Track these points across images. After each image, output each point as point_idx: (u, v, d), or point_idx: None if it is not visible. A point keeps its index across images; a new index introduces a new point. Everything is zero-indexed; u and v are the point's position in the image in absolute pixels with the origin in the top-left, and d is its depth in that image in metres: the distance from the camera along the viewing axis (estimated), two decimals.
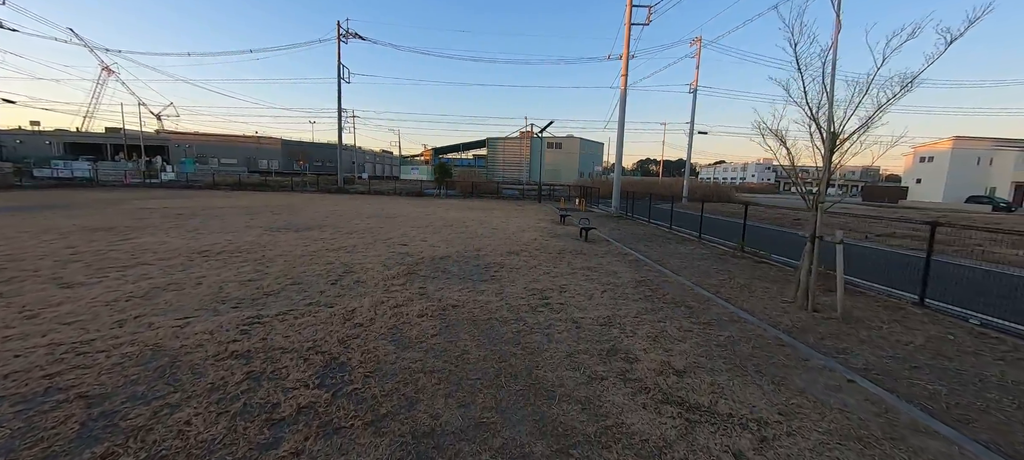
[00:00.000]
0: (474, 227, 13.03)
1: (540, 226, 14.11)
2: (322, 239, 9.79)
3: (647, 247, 10.59)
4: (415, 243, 9.69)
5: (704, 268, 8.16)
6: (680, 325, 4.75)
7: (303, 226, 11.87)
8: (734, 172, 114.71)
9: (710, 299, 5.94)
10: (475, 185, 35.39)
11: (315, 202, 21.48)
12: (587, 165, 70.27)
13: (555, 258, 8.50)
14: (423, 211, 18.18)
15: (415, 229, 12.09)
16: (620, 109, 19.26)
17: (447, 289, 5.89)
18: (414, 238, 10.44)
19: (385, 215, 15.87)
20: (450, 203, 24.26)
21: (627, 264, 8.24)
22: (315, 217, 14.34)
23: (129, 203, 17.58)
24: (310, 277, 6.27)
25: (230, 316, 4.48)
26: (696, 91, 32.04)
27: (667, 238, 12.45)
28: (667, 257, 9.23)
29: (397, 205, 21.24)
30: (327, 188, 33.25)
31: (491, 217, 16.49)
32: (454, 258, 8.11)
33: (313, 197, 25.83)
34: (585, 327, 4.57)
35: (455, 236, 10.98)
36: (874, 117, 5.17)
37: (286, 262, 7.18)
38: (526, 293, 5.85)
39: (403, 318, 4.64)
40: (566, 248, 9.81)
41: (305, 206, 18.73)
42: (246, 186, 33.37)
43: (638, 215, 18.61)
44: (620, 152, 19.78)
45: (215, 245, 8.52)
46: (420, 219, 14.87)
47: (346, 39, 31.59)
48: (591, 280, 6.77)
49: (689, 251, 10.17)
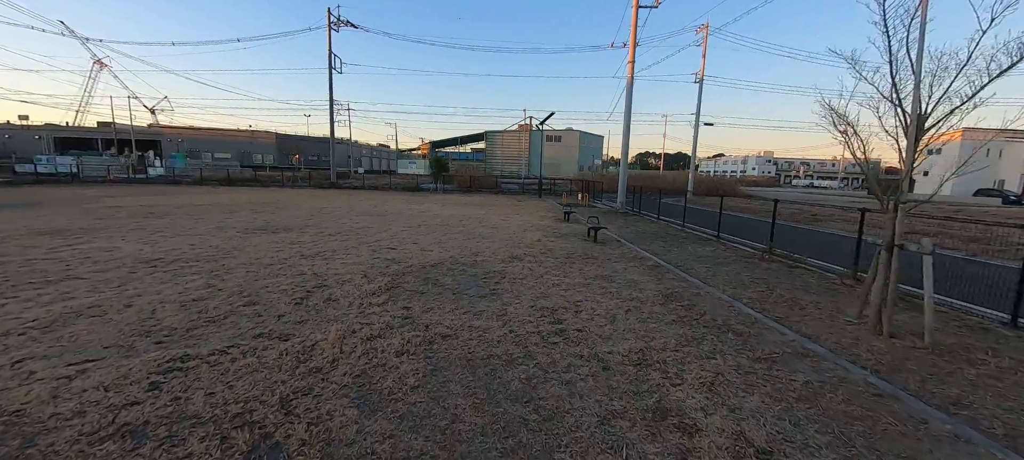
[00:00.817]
0: (472, 226, 11.92)
1: (543, 224, 13.01)
2: (299, 243, 8.67)
3: (664, 248, 9.51)
4: (405, 247, 8.58)
5: (735, 275, 7.09)
6: (736, 363, 3.67)
7: (282, 227, 10.74)
8: (734, 165, 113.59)
9: (758, 320, 4.87)
10: (473, 179, 34.23)
11: (303, 199, 20.32)
12: (587, 158, 69.08)
13: (563, 264, 7.42)
14: (417, 208, 17.05)
15: (406, 229, 10.98)
16: (627, 97, 18.11)
17: (437, 309, 4.80)
18: (404, 240, 9.33)
19: (376, 213, 14.74)
20: (447, 199, 23.12)
21: (647, 271, 7.16)
22: (298, 216, 13.20)
23: (101, 201, 16.39)
24: (272, 294, 5.17)
25: (146, 358, 3.38)
26: (702, 81, 30.83)
27: (683, 237, 11.37)
28: (689, 261, 8.15)
29: (390, 202, 20.09)
30: (319, 184, 32.04)
31: (490, 214, 15.38)
32: (448, 265, 7.01)
33: (303, 193, 24.65)
34: (615, 368, 3.49)
35: (450, 237, 9.87)
36: (977, 94, 4.06)
37: (248, 274, 6.07)
38: (534, 314, 4.76)
39: (377, 358, 3.54)
40: (574, 251, 8.72)
41: (291, 203, 17.57)
42: (235, 182, 32.16)
43: (646, 211, 17.52)
44: (626, 144, 18.66)
45: (172, 252, 7.39)
46: (413, 217, 13.75)
47: (337, 27, 30.23)
48: (609, 293, 5.69)
49: (711, 253, 9.09)
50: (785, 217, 17.02)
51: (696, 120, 31.60)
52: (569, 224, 13.41)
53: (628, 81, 18.06)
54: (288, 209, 15.12)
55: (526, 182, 37.37)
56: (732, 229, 12.16)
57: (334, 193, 25.49)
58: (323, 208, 15.87)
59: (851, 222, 15.51)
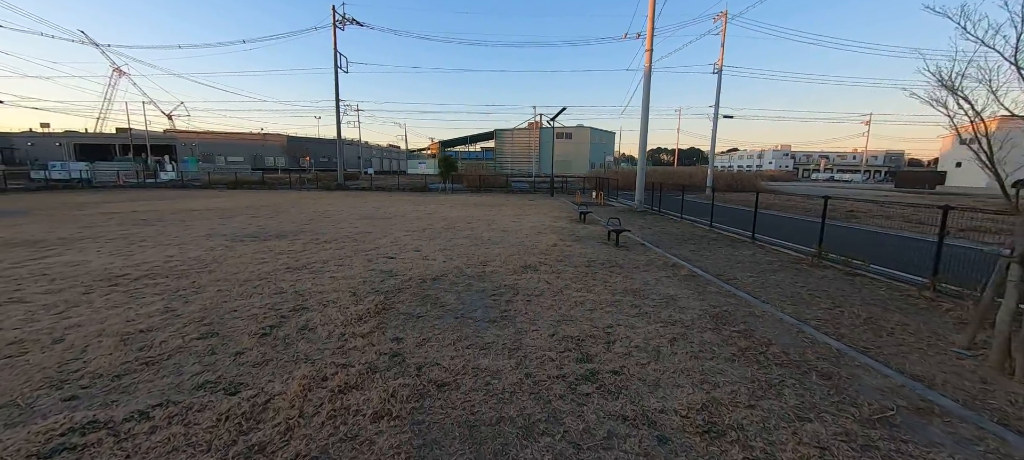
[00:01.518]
0: (480, 229, 10.99)
1: (557, 226, 12.02)
2: (289, 252, 7.83)
3: (695, 253, 8.44)
4: (405, 255, 7.68)
5: (788, 287, 6.01)
6: (841, 428, 2.64)
7: (275, 233, 9.95)
8: (750, 159, 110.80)
9: (844, 353, 3.81)
10: (482, 179, 33.34)
11: (307, 201, 19.64)
12: (598, 155, 67.77)
13: (585, 274, 6.42)
14: (423, 210, 16.19)
15: (410, 234, 10.09)
16: (644, 88, 16.96)
17: (434, 341, 3.86)
18: (406, 247, 8.43)
19: (380, 216, 13.91)
20: (455, 199, 22.26)
21: (683, 282, 6.13)
22: (297, 220, 12.43)
23: (97, 207, 15.90)
24: (237, 321, 4.29)
25: (35, 430, 2.51)
26: (721, 71, 29.37)
27: (713, 239, 10.26)
28: (729, 268, 7.08)
29: (396, 203, 19.30)
30: (327, 185, 31.50)
31: (500, 215, 14.44)
32: (451, 278, 6.08)
33: (309, 196, 24.04)
34: (675, 440, 2.50)
35: (456, 243, 8.95)
36: None
37: (218, 293, 5.22)
38: (556, 346, 3.79)
39: (347, 423, 2.62)
40: (596, 257, 7.71)
41: (293, 206, 16.88)
42: (242, 184, 31.81)
43: (666, 209, 16.38)
44: (644, 138, 17.50)
45: (143, 266, 6.60)
46: (418, 220, 12.88)
47: (342, 25, 29.59)
48: (645, 315, 4.68)
49: (750, 258, 7.99)
50: (817, 213, 15.73)
51: (715, 112, 30.16)
52: (586, 225, 12.38)
53: (646, 71, 16.91)
54: (288, 213, 14.39)
55: (537, 181, 36.40)
56: (766, 229, 11.00)
57: (340, 195, 24.84)
58: (325, 211, 15.11)
59: (891, 218, 14.16)
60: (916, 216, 13.55)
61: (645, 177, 18.45)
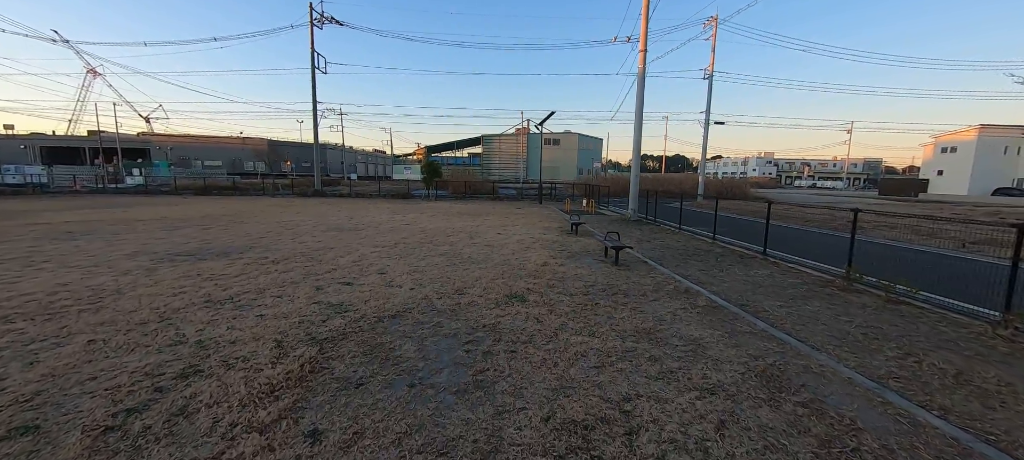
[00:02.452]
0: (461, 243, 9.70)
1: (547, 238, 10.80)
2: (220, 277, 6.42)
3: (704, 272, 7.30)
4: (366, 280, 6.34)
5: (831, 321, 4.88)
6: None
7: (218, 250, 8.49)
8: (734, 167, 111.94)
9: (966, 445, 2.64)
10: (468, 185, 32.04)
11: (275, 210, 18.05)
12: (586, 161, 67.13)
13: (584, 306, 5.19)
14: (401, 219, 14.81)
15: (378, 250, 8.74)
16: (638, 90, 15.96)
17: (370, 438, 2.57)
18: (369, 268, 7.09)
19: (350, 227, 12.49)
20: (438, 207, 20.89)
21: (704, 317, 4.94)
22: (252, 233, 10.94)
23: (31, 217, 14.10)
24: (86, 399, 2.92)
25: None
26: (712, 77, 28.79)
27: (719, 254, 9.17)
28: (750, 294, 5.94)
29: (373, 211, 17.85)
30: (303, 191, 29.78)
31: (485, 225, 13.16)
32: (416, 314, 4.78)
33: (281, 203, 22.38)
34: None
35: (430, 263, 7.64)
36: None
37: (90, 345, 3.81)
38: (554, 441, 2.53)
39: None
40: (594, 280, 6.50)
41: (255, 216, 15.30)
42: (211, 190, 29.84)
43: (662, 218, 15.34)
44: (638, 143, 16.48)
45: (15, 298, 5.12)
46: (393, 232, 11.51)
47: (320, 24, 28.09)
48: (671, 375, 3.46)
49: (768, 279, 6.88)
50: (820, 223, 14.87)
51: (706, 118, 29.52)
52: (579, 238, 11.19)
53: (640, 72, 15.92)
54: (245, 224, 12.86)
55: (524, 187, 35.26)
56: (773, 242, 9.96)
57: (315, 202, 23.24)
58: (290, 221, 13.62)
59: (899, 229, 13.33)
60: (923, 226, 12.76)
61: (639, 185, 17.40)
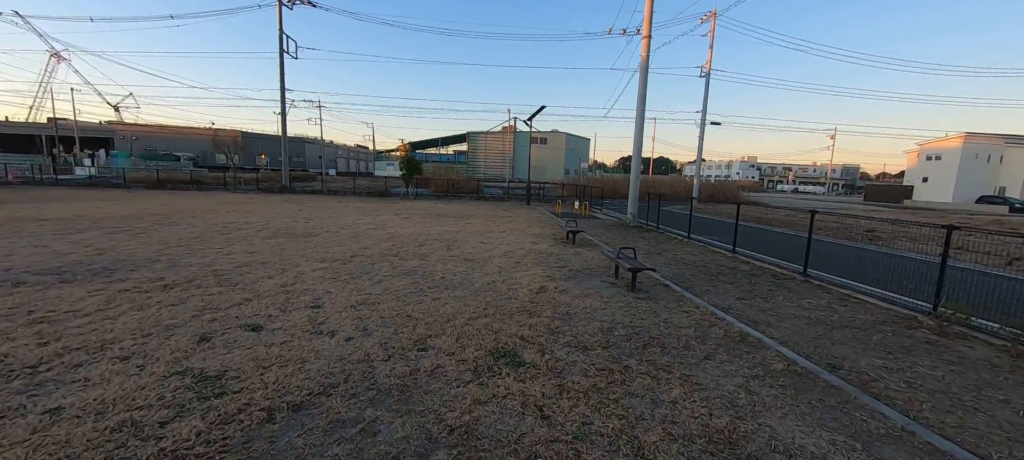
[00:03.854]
0: (435, 256, 7.80)
1: (541, 249, 8.99)
2: (66, 314, 4.37)
3: (750, 304, 5.60)
4: (284, 320, 4.40)
5: (982, 401, 3.21)
6: None
7: (102, 267, 6.36)
8: (718, 170, 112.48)
9: None
10: (451, 183, 30.01)
11: (222, 209, 15.74)
12: (573, 161, 65.73)
13: (609, 372, 3.39)
14: (369, 222, 12.78)
15: (323, 267, 6.76)
16: (640, 81, 14.30)
17: None
18: (299, 299, 5.13)
19: (303, 231, 10.43)
20: (416, 207, 18.86)
21: (792, 394, 3.20)
22: (171, 240, 8.77)
23: None
24: None
25: None
26: (709, 75, 27.48)
27: (750, 274, 7.52)
28: (831, 346, 4.24)
29: (341, 211, 15.73)
30: (270, 187, 27.25)
31: (467, 231, 11.26)
32: (338, 402, 2.89)
33: (237, 200, 19.97)
34: None
35: (388, 287, 5.73)
36: None
37: None
38: None
39: None
40: (613, 318, 4.71)
41: (195, 215, 13.05)
42: (165, 184, 27.00)
43: (665, 225, 13.72)
44: (639, 140, 14.81)
45: None
46: (354, 239, 9.51)
47: (289, 3, 25.62)
48: None
49: (834, 315, 5.22)
50: (830, 231, 13.48)
51: (702, 118, 28.23)
52: (577, 248, 9.40)
53: (643, 62, 14.27)
54: (175, 226, 10.65)
55: (511, 187, 33.44)
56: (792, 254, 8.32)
57: (278, 200, 20.89)
58: (232, 224, 11.45)
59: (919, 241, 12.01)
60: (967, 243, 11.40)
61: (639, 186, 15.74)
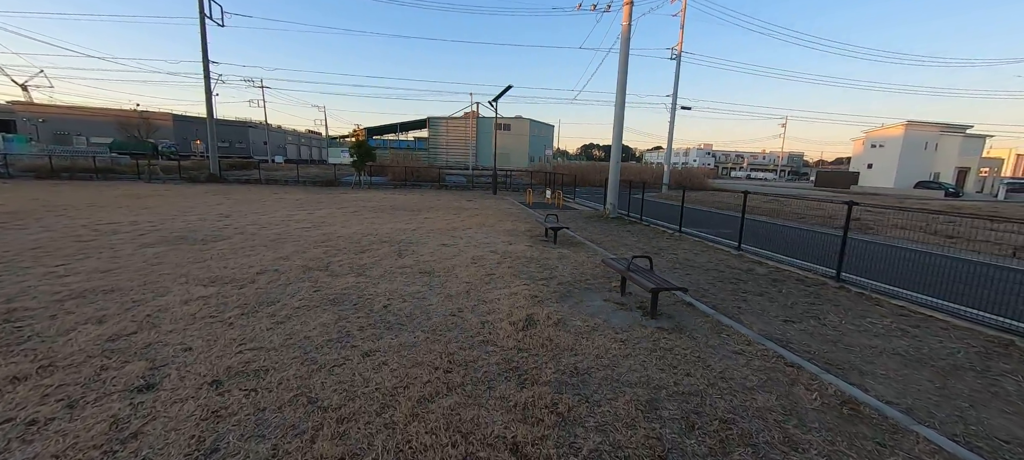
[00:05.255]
0: (379, 271, 5.78)
1: (517, 252, 7.17)
2: None
3: (802, 329, 4.09)
4: (32, 451, 2.32)
5: None
6: None
7: None
8: (676, 157, 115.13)
9: None
10: (411, 171, 27.48)
11: (117, 203, 12.68)
12: (537, 149, 64.20)
13: None
14: (305, 219, 10.40)
15: (206, 296, 4.59)
16: (621, 52, 12.67)
17: None
18: (113, 380, 3.01)
19: (206, 236, 7.99)
20: (368, 199, 16.42)
21: None
22: None
23: None
24: None
25: None
26: (680, 57, 26.48)
27: (774, 280, 6.10)
28: (938, 401, 2.76)
29: (271, 206, 13.12)
30: (195, 177, 23.50)
31: (425, 229, 9.23)
32: None
33: (147, 192, 16.60)
34: None
35: (292, 335, 3.71)
36: None
37: None
38: None
39: None
40: (648, 377, 2.99)
41: (69, 212, 10.10)
42: (62, 172, 22.49)
43: (648, 217, 12.34)
44: (620, 120, 13.24)
45: None
46: (272, 244, 7.25)
47: None
48: None
49: (913, 345, 3.81)
50: (817, 220, 12.65)
51: (673, 102, 27.28)
52: (561, 249, 7.66)
53: (624, 31, 12.63)
54: (22, 230, 7.87)
55: (475, 175, 31.33)
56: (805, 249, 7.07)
57: (199, 191, 17.68)
58: (105, 226, 8.76)
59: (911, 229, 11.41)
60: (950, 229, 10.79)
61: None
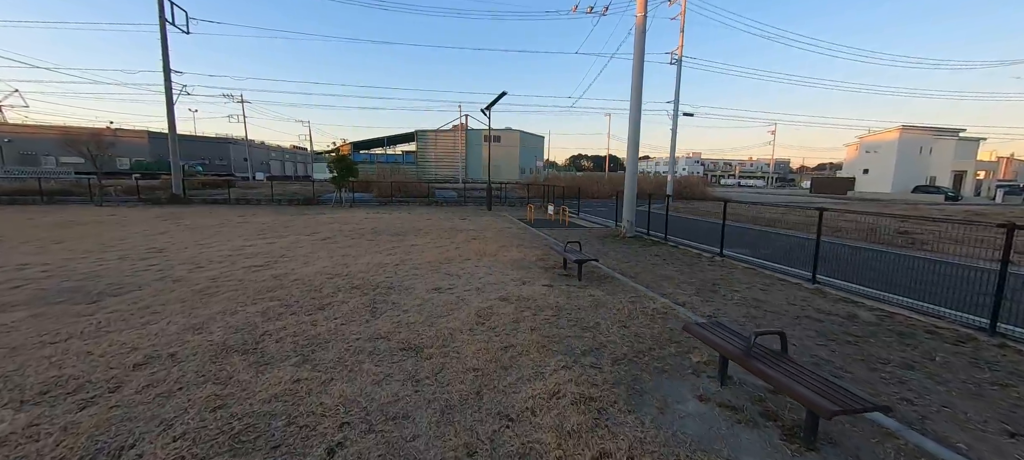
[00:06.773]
0: (337, 349, 3.85)
1: (535, 296, 5.28)
2: None
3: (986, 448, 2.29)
4: None
5: None
6: None
7: None
8: (665, 166, 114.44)
9: None
10: (398, 186, 25.52)
11: (32, 232, 10.49)
12: (528, 160, 62.75)
13: None
14: (264, 249, 8.39)
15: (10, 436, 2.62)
16: (636, 47, 11.04)
17: None
18: None
19: (109, 285, 5.96)
20: (348, 219, 14.40)
21: None
22: None
23: None
24: None
25: None
26: (681, 61, 25.21)
27: (888, 327, 4.30)
28: None
29: (227, 233, 11.06)
30: (157, 199, 21.20)
31: (412, 262, 7.29)
32: None
33: (84, 218, 14.34)
34: None
35: None
36: None
37: None
38: None
39: None
40: None
41: None
42: (20, 195, 20.00)
43: (673, 236, 10.60)
44: (636, 121, 11.54)
45: None
46: (200, 299, 5.26)
47: None
48: None
49: None
50: (854, 234, 11.02)
51: (675, 108, 25.92)
52: (591, 289, 5.79)
53: (639, 22, 11.02)
54: None
55: (467, 189, 29.46)
56: (892, 278, 5.21)
57: (149, 216, 15.47)
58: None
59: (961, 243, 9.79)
60: None
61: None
